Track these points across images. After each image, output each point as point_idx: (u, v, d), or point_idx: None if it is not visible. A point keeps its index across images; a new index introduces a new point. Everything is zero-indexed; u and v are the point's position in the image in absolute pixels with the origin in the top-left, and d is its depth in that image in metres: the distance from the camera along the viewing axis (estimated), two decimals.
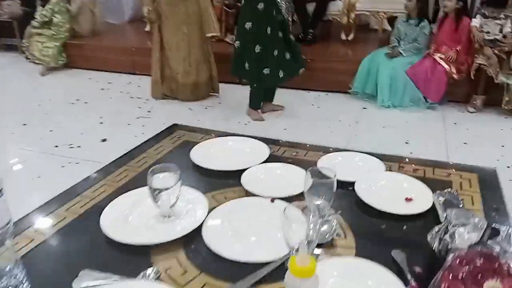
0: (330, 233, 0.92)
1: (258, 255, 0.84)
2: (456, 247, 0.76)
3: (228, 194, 1.11)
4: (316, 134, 3.00)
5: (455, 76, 3.38)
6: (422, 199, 1.04)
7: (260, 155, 1.28)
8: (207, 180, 1.19)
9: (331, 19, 4.75)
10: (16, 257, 0.79)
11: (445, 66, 3.41)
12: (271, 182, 1.14)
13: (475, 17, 3.36)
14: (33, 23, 4.76)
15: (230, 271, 0.82)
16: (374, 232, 0.96)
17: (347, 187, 1.11)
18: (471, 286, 0.67)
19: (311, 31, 4.60)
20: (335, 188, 0.92)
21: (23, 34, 5.07)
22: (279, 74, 3.12)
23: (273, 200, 1.04)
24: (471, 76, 3.29)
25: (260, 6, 2.95)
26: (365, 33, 5.15)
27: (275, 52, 3.04)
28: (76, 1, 4.88)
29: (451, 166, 1.25)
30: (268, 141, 1.41)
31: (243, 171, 1.17)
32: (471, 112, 3.35)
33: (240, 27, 3.09)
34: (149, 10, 3.74)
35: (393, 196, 1.06)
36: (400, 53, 3.55)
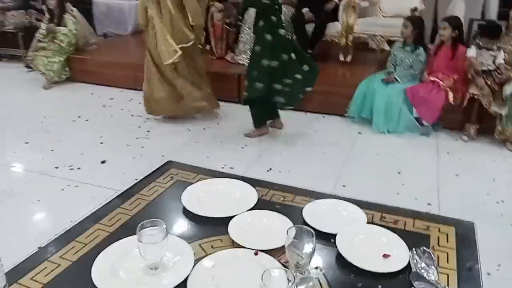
0: None
1: None
2: None
3: (215, 243, 1.16)
4: (311, 161, 3.05)
5: (451, 101, 3.43)
6: (399, 255, 1.09)
7: (249, 200, 1.34)
8: (196, 226, 1.25)
9: (329, 40, 4.81)
10: None
11: (443, 89, 3.45)
12: (256, 232, 1.19)
13: (470, 47, 3.43)
14: (38, 37, 4.83)
15: None
16: None
17: (329, 238, 1.16)
18: None
19: (309, 51, 4.66)
20: (313, 248, 0.98)
21: (27, 45, 5.15)
22: (275, 87, 3.18)
23: (256, 253, 1.09)
24: (463, 104, 3.35)
25: (268, 37, 3.09)
26: (364, 52, 5.22)
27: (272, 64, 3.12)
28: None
29: (430, 218, 1.29)
30: (256, 183, 1.47)
31: (231, 218, 1.23)
32: (465, 141, 3.40)
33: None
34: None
35: (371, 252, 1.11)
36: (396, 79, 3.61)
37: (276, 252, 1.09)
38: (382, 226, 1.23)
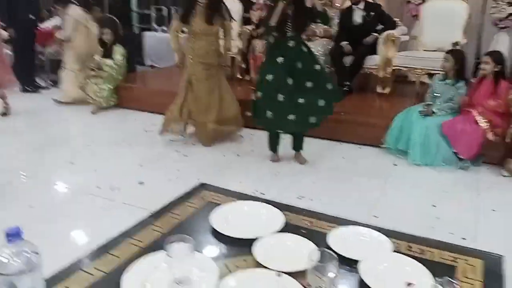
0: None
1: None
2: None
3: (240, 263, 1.20)
4: (344, 191, 3.04)
5: (490, 137, 3.34)
6: (423, 285, 1.08)
7: (275, 223, 1.37)
8: (222, 246, 1.29)
9: (368, 72, 4.84)
10: None
11: (482, 125, 3.39)
12: (280, 254, 1.21)
13: None
14: (90, 65, 5.17)
15: None
16: None
17: (352, 264, 1.17)
18: None
19: (347, 83, 4.71)
20: (335, 272, 0.99)
21: None
22: (288, 117, 3.22)
23: (279, 275, 1.12)
24: (506, 139, 3.25)
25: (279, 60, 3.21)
26: (402, 84, 5.20)
27: (279, 97, 3.19)
28: (67, 25, 5.22)
29: (458, 250, 1.27)
30: (284, 207, 1.50)
31: (256, 239, 1.27)
32: (505, 176, 3.28)
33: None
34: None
35: (395, 280, 1.11)
36: (434, 112, 3.57)
37: (298, 275, 1.10)
38: (408, 255, 1.22)
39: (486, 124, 3.37)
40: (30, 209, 2.71)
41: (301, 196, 2.93)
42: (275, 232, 1.32)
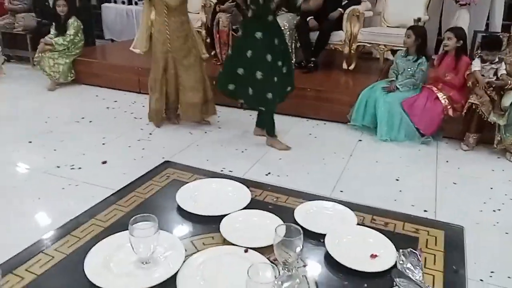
0: None
1: None
2: None
3: (207, 240, 1.19)
4: (310, 167, 3.07)
5: (450, 113, 3.45)
6: (387, 256, 1.11)
7: (242, 200, 1.36)
8: (188, 224, 1.27)
9: (333, 48, 4.85)
10: None
11: (442, 101, 3.49)
12: (248, 231, 1.21)
13: (474, 59, 3.46)
14: (46, 40, 4.88)
15: None
16: None
17: (319, 238, 1.18)
18: None
19: (313, 59, 4.70)
20: (301, 246, 1.00)
21: (34, 47, 5.22)
22: (276, 100, 3.23)
23: (246, 250, 1.11)
24: (462, 113, 3.38)
25: (258, 35, 3.07)
26: (367, 61, 5.26)
27: (275, 79, 3.15)
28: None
29: (420, 221, 1.31)
30: (251, 183, 1.49)
31: (223, 216, 1.26)
32: (465, 150, 3.41)
33: (241, 54, 3.15)
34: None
35: (359, 252, 1.13)
36: (397, 87, 3.64)
37: (265, 250, 1.11)
38: (372, 228, 1.25)
39: (447, 101, 3.47)
40: None
41: (268, 173, 2.94)
42: (242, 209, 1.31)
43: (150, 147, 3.33)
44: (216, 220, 1.24)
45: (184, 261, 1.06)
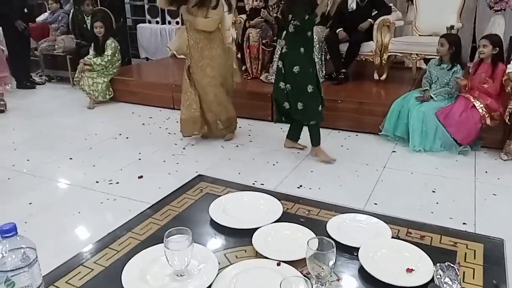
0: None
1: None
2: None
3: (240, 253, 1.20)
4: (343, 179, 3.04)
5: (488, 122, 3.34)
6: (423, 270, 1.08)
7: (274, 213, 1.37)
8: (221, 237, 1.29)
9: (363, 59, 4.81)
10: None
11: (479, 110, 3.38)
12: (280, 244, 1.21)
13: (509, 63, 3.34)
14: (85, 60, 5.10)
15: None
16: None
17: (353, 252, 1.17)
18: None
19: (343, 70, 4.68)
20: (334, 260, 0.99)
21: (74, 67, 5.46)
22: (323, 111, 3.28)
23: (279, 264, 1.12)
24: (505, 121, 3.25)
25: (302, 50, 3.11)
26: (399, 71, 5.19)
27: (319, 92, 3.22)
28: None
29: (458, 234, 1.27)
30: (282, 196, 1.50)
31: (255, 229, 1.27)
32: (504, 160, 3.28)
33: (289, 70, 3.16)
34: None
35: (394, 266, 1.11)
36: (431, 97, 3.56)
37: (298, 263, 1.11)
38: (408, 241, 1.22)
39: (484, 110, 3.36)
40: (30, 205, 2.70)
41: (300, 185, 2.93)
42: (274, 222, 1.32)
43: (183, 162, 3.40)
44: (248, 233, 1.25)
45: (217, 274, 1.07)
